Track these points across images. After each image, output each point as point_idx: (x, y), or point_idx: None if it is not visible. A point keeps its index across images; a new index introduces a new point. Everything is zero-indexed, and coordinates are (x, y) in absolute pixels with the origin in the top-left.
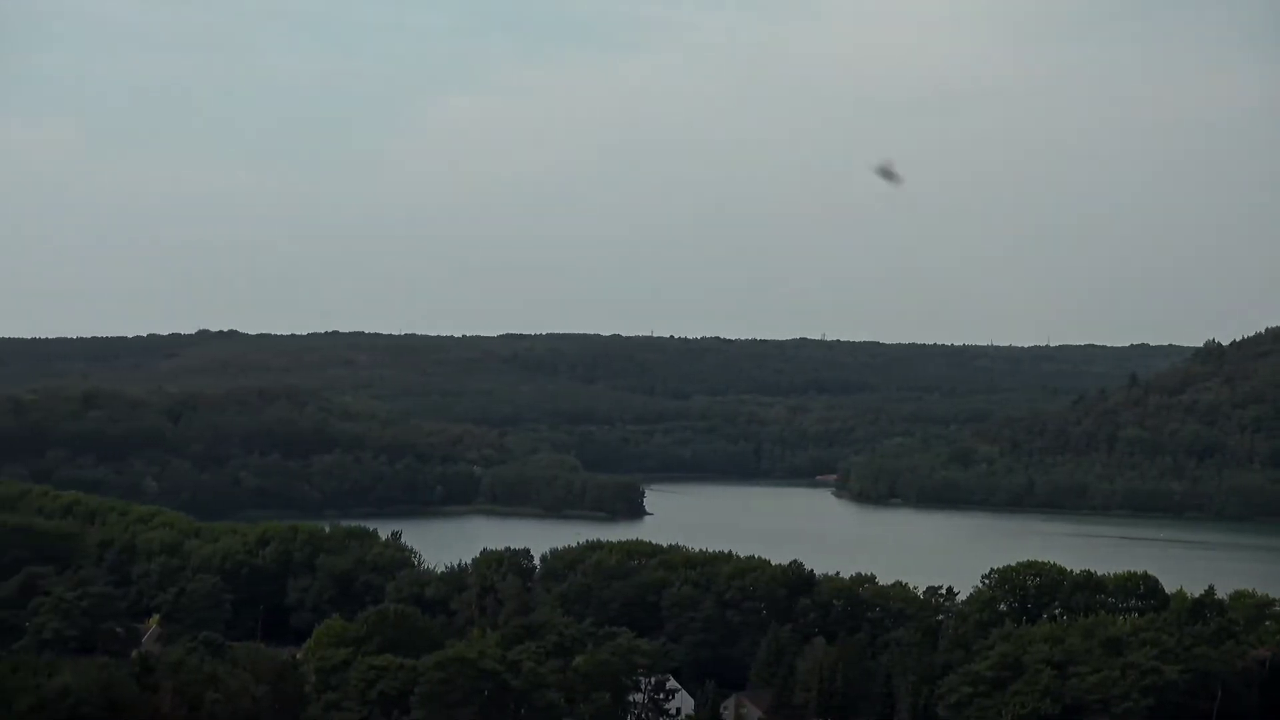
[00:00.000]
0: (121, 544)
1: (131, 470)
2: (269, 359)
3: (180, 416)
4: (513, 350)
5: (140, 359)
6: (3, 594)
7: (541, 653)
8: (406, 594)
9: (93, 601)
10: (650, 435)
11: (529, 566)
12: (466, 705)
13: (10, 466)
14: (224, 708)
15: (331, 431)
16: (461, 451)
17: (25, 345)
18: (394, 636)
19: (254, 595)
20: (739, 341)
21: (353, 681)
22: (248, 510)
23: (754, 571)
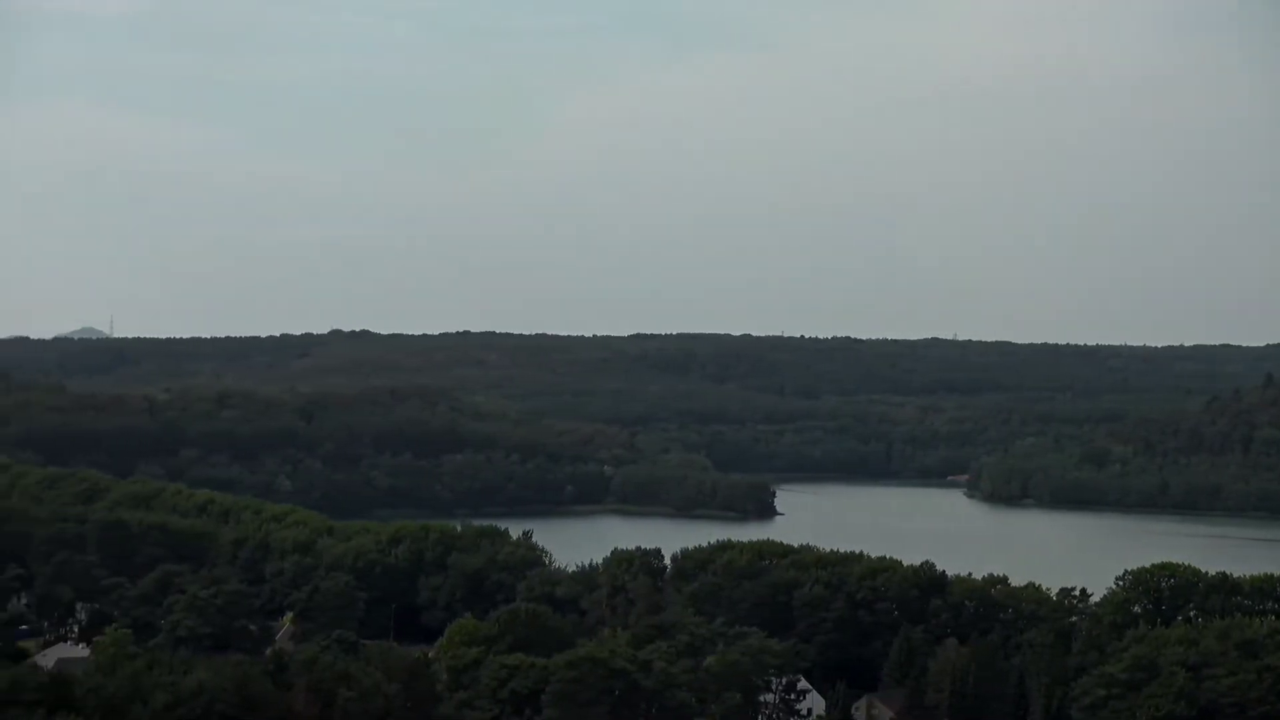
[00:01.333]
0: (255, 542)
1: (265, 469)
2: (401, 359)
3: (313, 416)
4: (643, 350)
5: (273, 359)
6: (139, 592)
7: (672, 652)
8: (538, 593)
9: (227, 599)
10: (781, 435)
11: (660, 566)
12: (598, 705)
13: (145, 465)
14: (357, 706)
15: (463, 431)
16: (592, 451)
17: (160, 345)
18: (525, 635)
19: (386, 594)
20: (870, 341)
21: (484, 680)
22: (379, 509)
23: (885, 572)
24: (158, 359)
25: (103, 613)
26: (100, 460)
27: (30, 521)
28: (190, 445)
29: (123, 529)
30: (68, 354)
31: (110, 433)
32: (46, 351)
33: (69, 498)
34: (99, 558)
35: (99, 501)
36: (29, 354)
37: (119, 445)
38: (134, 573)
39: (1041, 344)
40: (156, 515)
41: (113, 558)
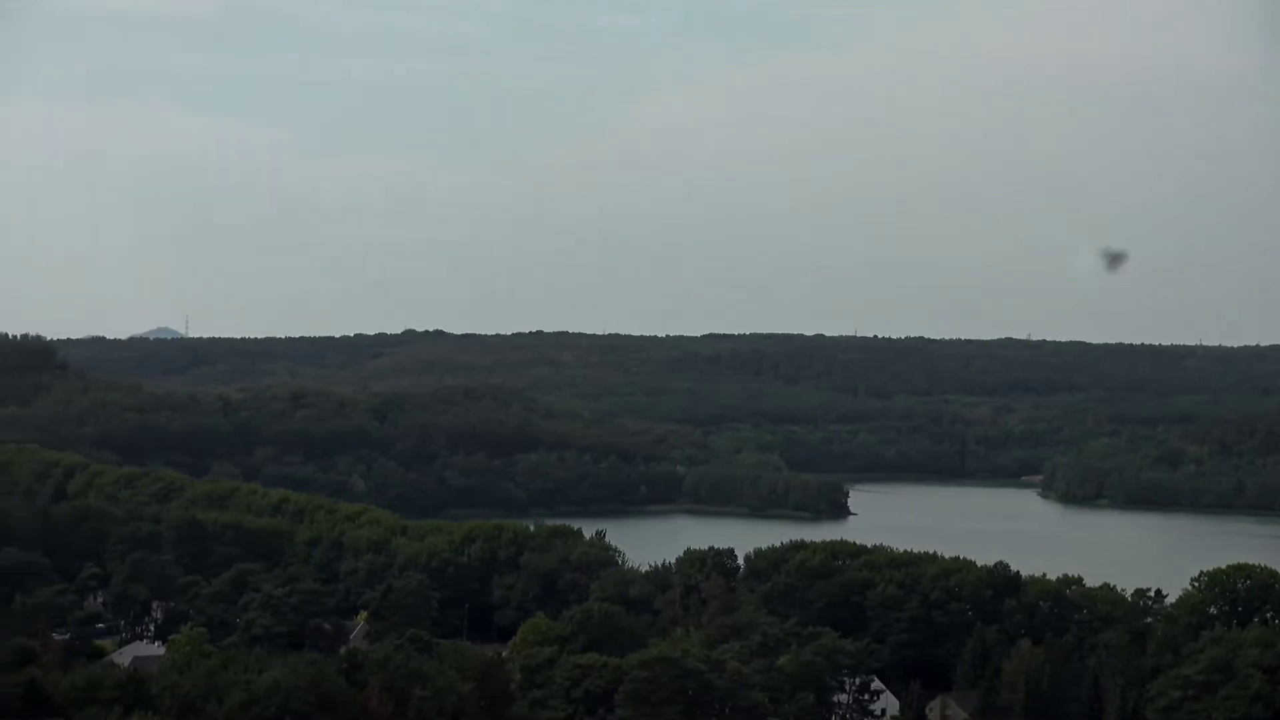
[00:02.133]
0: (329, 541)
1: (338, 469)
2: (474, 358)
3: (386, 415)
4: (716, 350)
5: (347, 359)
6: (214, 590)
7: (745, 652)
8: (610, 593)
9: (301, 598)
10: (854, 435)
11: (733, 566)
12: (671, 704)
13: (220, 465)
14: (430, 704)
15: (536, 431)
16: (665, 451)
17: (235, 345)
18: (598, 635)
19: (459, 593)
20: (943, 341)
21: (557, 680)
22: (453, 509)
23: (959, 572)
24: (232, 359)
25: (178, 611)
26: (176, 460)
27: (107, 520)
28: (265, 445)
29: (198, 528)
30: (144, 354)
31: (186, 432)
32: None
33: (145, 497)
34: (175, 557)
35: (175, 501)
36: (105, 354)
37: (194, 445)
38: (209, 572)
39: (1116, 344)
40: (231, 514)
41: (188, 557)
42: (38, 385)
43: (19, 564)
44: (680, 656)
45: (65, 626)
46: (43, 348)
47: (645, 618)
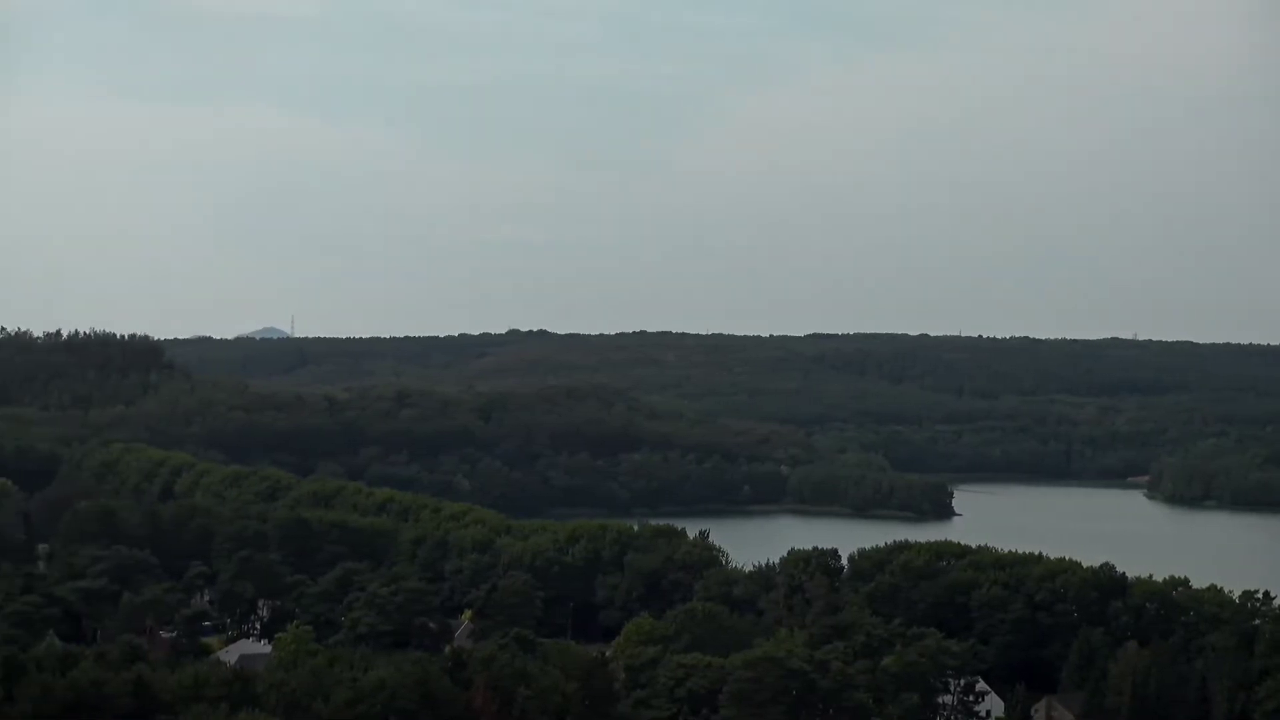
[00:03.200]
0: (434, 541)
1: (443, 468)
2: (578, 358)
3: (491, 415)
4: (820, 350)
5: (452, 359)
6: (320, 589)
7: (850, 653)
8: (714, 592)
9: (407, 597)
10: (959, 435)
11: (837, 566)
12: (774, 705)
13: (326, 464)
14: (535, 704)
15: (639, 431)
16: (769, 451)
17: (340, 345)
18: (702, 635)
19: (563, 592)
20: (1048, 341)
21: (661, 679)
22: (557, 508)
23: (1065, 573)
24: (338, 359)
25: (284, 610)
26: (282, 459)
27: (214, 519)
28: (370, 444)
29: (304, 527)
30: (250, 354)
31: (291, 432)
32: (229, 351)
33: (251, 496)
34: (281, 555)
35: (281, 500)
36: (212, 354)
37: (300, 444)
38: (315, 570)
39: (1224, 344)
40: (337, 514)
41: (294, 555)
42: (145, 385)
43: (127, 562)
44: (784, 656)
45: (173, 624)
46: (150, 348)
47: (749, 617)
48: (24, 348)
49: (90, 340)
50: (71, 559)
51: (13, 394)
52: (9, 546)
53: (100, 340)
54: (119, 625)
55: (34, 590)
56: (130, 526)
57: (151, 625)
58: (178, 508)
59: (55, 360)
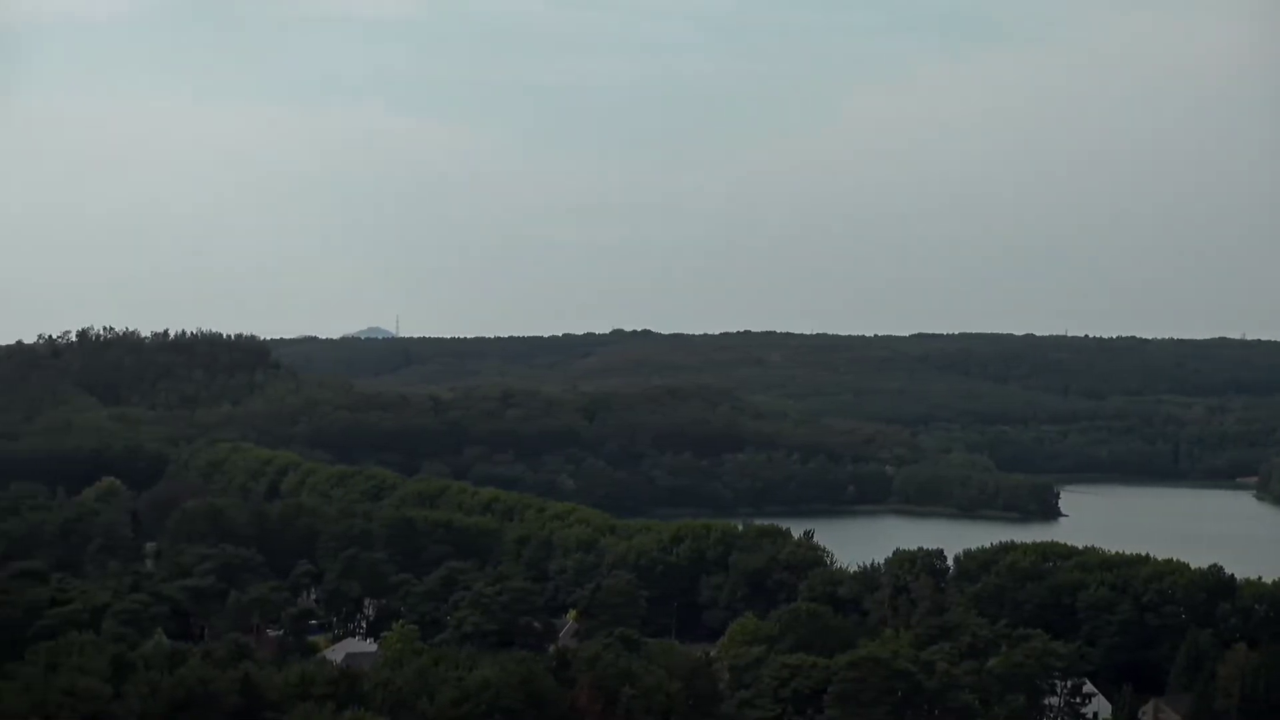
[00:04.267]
0: (538, 540)
1: (547, 468)
2: (682, 358)
3: (595, 415)
4: (925, 350)
5: (556, 358)
6: (425, 588)
7: (955, 653)
8: (819, 593)
9: (511, 597)
10: (1065, 435)
11: (942, 567)
12: (880, 705)
13: (431, 463)
14: (639, 703)
15: (743, 430)
16: (874, 451)
17: (445, 345)
18: (806, 635)
19: (667, 592)
20: (1156, 341)
21: (765, 679)
22: (661, 508)
23: (1172, 574)
24: (443, 359)
25: (390, 609)
26: (387, 458)
27: (320, 518)
28: (475, 444)
29: (409, 526)
30: (355, 353)
31: (397, 431)
32: (334, 351)
33: (357, 495)
34: (386, 555)
35: (386, 499)
36: (318, 353)
37: (405, 443)
38: (420, 569)
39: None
40: (442, 513)
41: (400, 555)
42: (252, 384)
43: (234, 561)
44: (889, 657)
45: (279, 623)
46: (257, 347)
47: (854, 618)
48: (132, 348)
49: (197, 340)
50: (179, 558)
51: (121, 394)
52: (118, 545)
53: (207, 340)
54: (226, 624)
55: (142, 589)
56: (237, 525)
57: (258, 624)
58: (284, 507)
59: (163, 360)
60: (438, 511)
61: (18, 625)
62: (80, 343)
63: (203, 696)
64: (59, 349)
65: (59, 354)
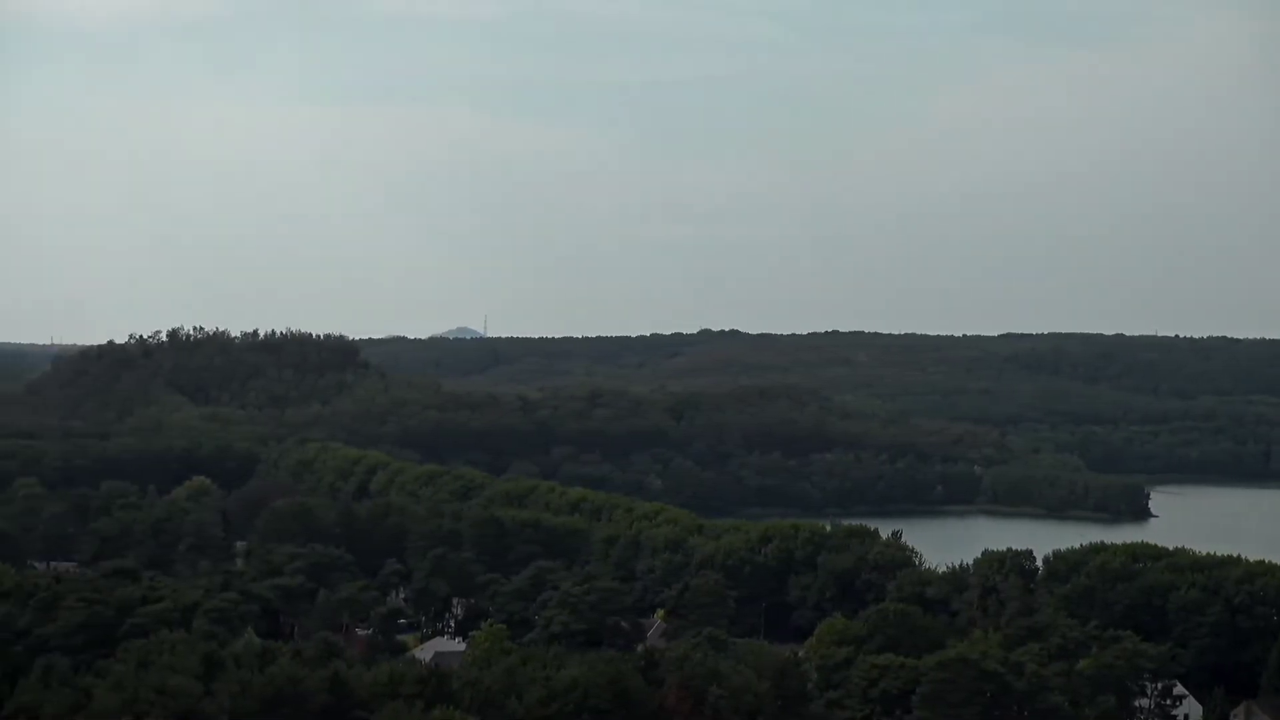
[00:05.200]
0: (627, 540)
1: (635, 467)
2: (769, 358)
3: (683, 415)
4: (1013, 349)
5: (643, 358)
6: (513, 588)
7: (1045, 655)
8: (908, 593)
9: (599, 596)
10: (1155, 436)
11: (1031, 567)
12: (968, 706)
13: (519, 463)
14: (727, 703)
15: (831, 430)
16: (962, 451)
17: (533, 345)
18: (895, 635)
19: (755, 592)
20: (1246, 341)
21: (854, 680)
22: (749, 508)
23: (1264, 576)
24: (530, 358)
25: (478, 608)
26: (475, 458)
27: (409, 518)
28: (562, 443)
29: (497, 526)
30: (443, 353)
31: (485, 431)
32: (423, 351)
33: (445, 494)
34: (474, 554)
35: (474, 498)
36: (406, 353)
37: (493, 443)
38: (508, 569)
39: None
40: (530, 513)
41: (488, 554)
42: (341, 384)
43: (324, 560)
44: (979, 658)
45: (368, 622)
46: (346, 347)
47: (943, 618)
48: (222, 348)
49: (287, 340)
50: (269, 557)
51: (211, 393)
52: (208, 544)
53: (297, 340)
54: (316, 622)
55: (232, 587)
56: (326, 525)
57: (347, 623)
58: (373, 506)
59: (253, 360)
60: (526, 511)
61: (110, 623)
62: (171, 343)
63: (292, 695)
64: (150, 349)
65: (150, 354)
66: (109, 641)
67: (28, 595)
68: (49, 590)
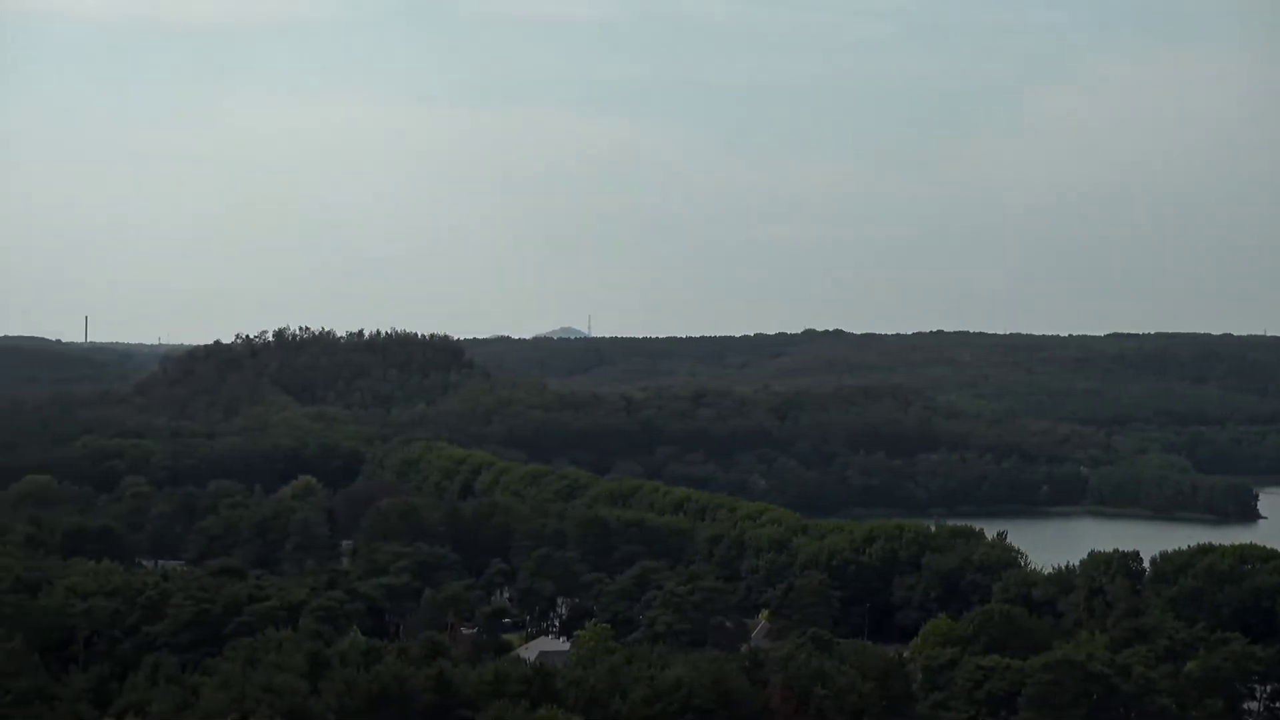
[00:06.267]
0: (730, 540)
1: (739, 467)
2: (873, 358)
3: (787, 415)
4: (1120, 349)
5: (747, 358)
6: (617, 588)
7: (1152, 657)
8: (1013, 594)
9: (703, 596)
10: (1263, 436)
11: (1138, 569)
12: (1075, 708)
13: (623, 463)
14: (832, 704)
15: (936, 430)
16: (1068, 451)
17: (636, 345)
18: (1000, 637)
19: (859, 592)
20: None
21: (959, 681)
22: (853, 508)
23: None
24: (635, 358)
25: (583, 607)
26: (579, 457)
27: (513, 517)
28: (667, 443)
29: (602, 525)
30: (547, 353)
31: (589, 430)
32: (527, 351)
33: (550, 494)
34: (579, 553)
35: (578, 498)
36: (510, 353)
37: (598, 443)
38: (613, 568)
39: None
40: (634, 512)
41: (592, 553)
42: (446, 384)
43: (429, 559)
44: (1085, 660)
45: (473, 621)
46: (451, 347)
47: (1048, 620)
48: (328, 348)
49: (392, 340)
50: (375, 555)
51: (317, 393)
52: (314, 543)
53: (401, 340)
54: (421, 621)
55: (338, 586)
56: (432, 524)
57: (453, 621)
58: (478, 506)
59: (358, 360)
60: (630, 511)
61: (217, 622)
62: (277, 343)
63: (398, 694)
64: (256, 349)
65: (256, 354)
66: (216, 640)
67: (136, 593)
68: (157, 589)
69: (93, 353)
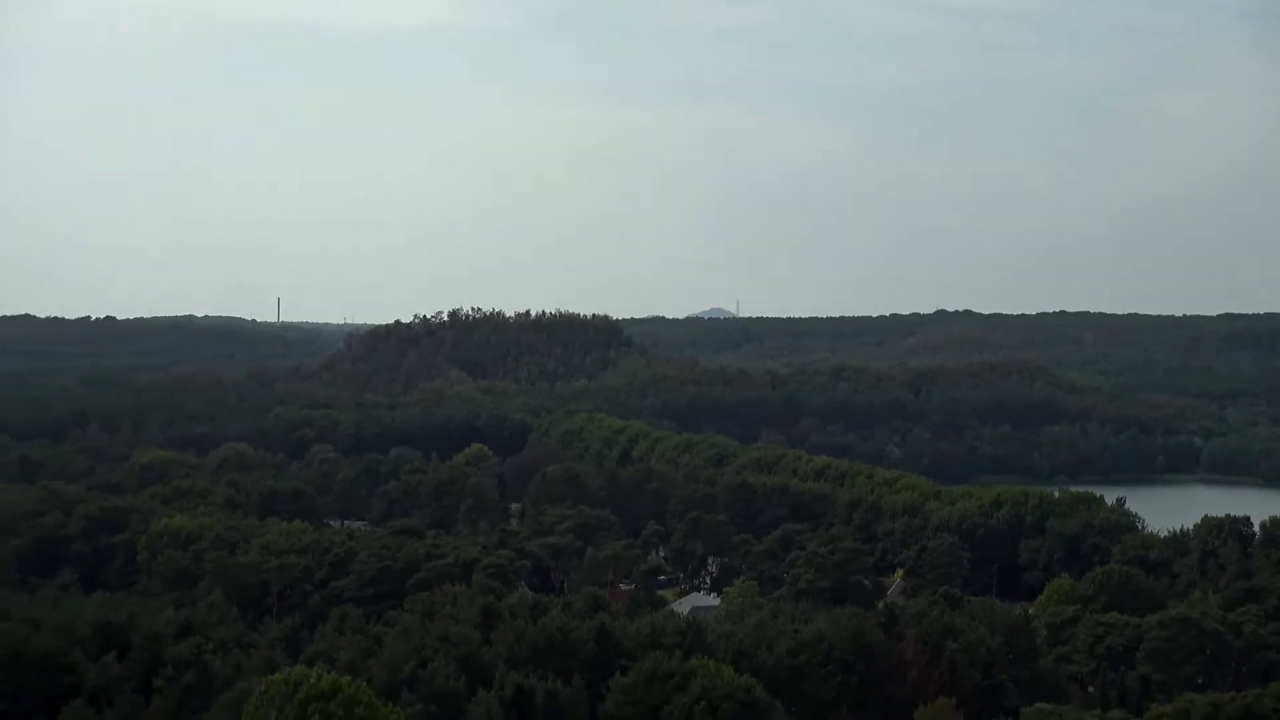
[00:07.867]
0: (868, 504)
1: (876, 438)
2: (1000, 337)
3: (920, 389)
4: (1232, 329)
5: (883, 337)
6: (763, 548)
7: (1261, 615)
8: (1131, 556)
9: (843, 556)
10: None
11: (1249, 533)
12: (1189, 663)
13: (769, 433)
14: (962, 656)
15: (1059, 404)
16: (1182, 424)
17: (781, 324)
18: (1119, 596)
19: (988, 554)
20: None
21: (1080, 636)
22: (982, 475)
23: None
24: (779, 337)
25: (731, 566)
26: (728, 428)
27: (667, 483)
28: (809, 415)
29: (749, 491)
30: (698, 332)
31: (737, 403)
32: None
33: (701, 462)
34: (727, 516)
35: (727, 465)
36: (665, 332)
37: (745, 414)
38: (759, 530)
39: None
40: (778, 478)
41: (740, 517)
42: (605, 360)
43: (590, 520)
44: (1199, 617)
45: (631, 578)
46: (610, 326)
47: (1164, 580)
48: (498, 327)
49: (556, 320)
50: (541, 517)
51: (488, 368)
52: (486, 505)
53: (565, 320)
54: (583, 578)
55: (507, 545)
56: (593, 489)
57: (612, 578)
58: (635, 472)
59: (525, 338)
60: (775, 477)
61: (398, 577)
62: (451, 322)
63: (563, 644)
64: (433, 328)
65: (433, 332)
66: (397, 594)
67: (324, 551)
68: (343, 546)
69: (284, 331)
